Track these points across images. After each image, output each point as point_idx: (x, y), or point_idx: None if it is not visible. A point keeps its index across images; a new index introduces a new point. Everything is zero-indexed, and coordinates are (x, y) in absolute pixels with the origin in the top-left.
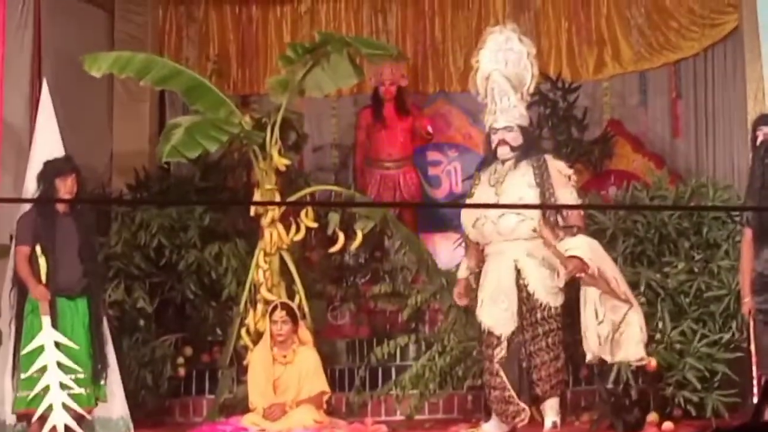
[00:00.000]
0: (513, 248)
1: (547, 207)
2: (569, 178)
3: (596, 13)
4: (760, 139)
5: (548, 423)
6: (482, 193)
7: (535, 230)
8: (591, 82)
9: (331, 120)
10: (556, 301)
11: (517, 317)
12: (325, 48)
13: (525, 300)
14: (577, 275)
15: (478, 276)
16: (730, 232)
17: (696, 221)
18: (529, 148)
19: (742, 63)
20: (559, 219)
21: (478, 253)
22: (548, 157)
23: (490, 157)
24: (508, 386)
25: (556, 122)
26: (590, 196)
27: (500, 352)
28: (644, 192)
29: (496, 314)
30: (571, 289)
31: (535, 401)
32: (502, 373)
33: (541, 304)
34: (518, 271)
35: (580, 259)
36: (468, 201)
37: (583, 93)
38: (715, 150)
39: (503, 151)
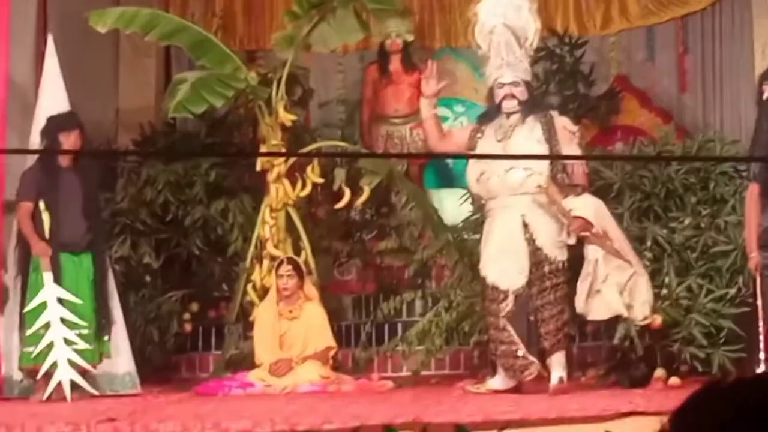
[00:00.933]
0: (520, 203)
1: (555, 158)
2: (574, 134)
3: None
4: (766, 94)
5: (555, 378)
6: (488, 147)
7: (540, 186)
8: (598, 37)
9: (338, 75)
10: (563, 255)
11: (525, 272)
12: (331, 3)
13: (532, 254)
14: (582, 234)
15: None
16: (737, 188)
17: (702, 176)
18: (535, 104)
19: (750, 18)
20: (564, 178)
21: None
22: (554, 113)
23: (493, 111)
24: (517, 340)
25: (563, 77)
26: (597, 151)
27: (507, 306)
28: (651, 147)
29: (504, 269)
30: (577, 244)
31: (542, 355)
32: (509, 328)
33: (548, 258)
34: (525, 226)
35: (585, 219)
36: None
37: (590, 48)
38: (723, 105)
39: (510, 105)
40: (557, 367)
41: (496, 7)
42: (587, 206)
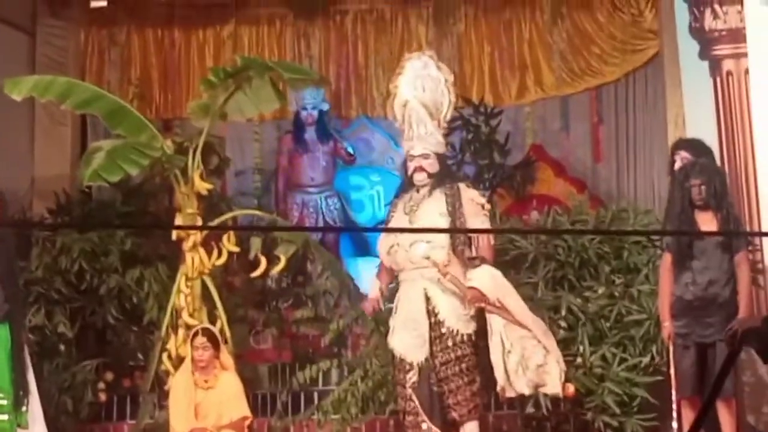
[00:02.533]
0: (423, 276)
1: (458, 231)
2: (482, 206)
3: (518, 38)
4: (678, 164)
5: None
6: (397, 221)
7: (428, 258)
8: (513, 106)
9: (254, 144)
10: (467, 327)
11: (426, 344)
12: (247, 72)
13: (435, 326)
14: (478, 305)
15: (385, 296)
16: (651, 257)
17: (616, 246)
18: (445, 176)
19: (663, 89)
20: (465, 250)
21: (390, 276)
22: (462, 186)
23: (406, 184)
24: (420, 411)
25: (479, 147)
26: (512, 220)
27: (412, 377)
28: (565, 216)
29: (408, 341)
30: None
31: (453, 426)
32: (414, 398)
33: (451, 331)
34: (428, 299)
35: (479, 290)
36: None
37: (506, 117)
38: (636, 175)
39: (420, 178)
40: None
41: (415, 80)
42: (483, 277)
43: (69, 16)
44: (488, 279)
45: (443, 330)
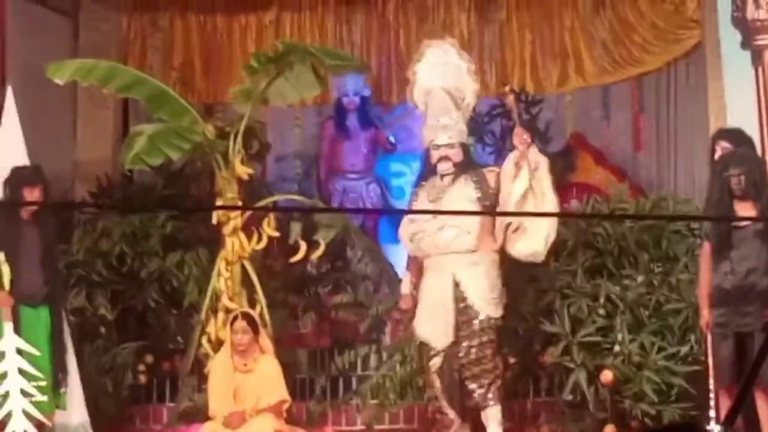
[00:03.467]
0: (452, 262)
1: (498, 214)
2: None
3: (560, 26)
4: (718, 153)
5: None
6: (423, 208)
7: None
8: (554, 95)
9: (295, 130)
10: (496, 311)
11: (453, 330)
12: (288, 58)
13: (462, 311)
14: None
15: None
16: (690, 246)
17: (656, 234)
18: (467, 164)
19: (704, 78)
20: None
21: (417, 266)
22: (485, 170)
23: (427, 173)
24: (439, 395)
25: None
26: None
27: (436, 364)
28: (605, 204)
29: (434, 327)
30: (517, 298)
31: (475, 410)
32: (437, 384)
33: (479, 315)
34: (456, 284)
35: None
36: (408, 219)
37: (546, 106)
38: (677, 164)
39: (445, 167)
40: (492, 422)
41: (435, 67)
42: None
43: (112, 1)
44: None
45: (471, 314)
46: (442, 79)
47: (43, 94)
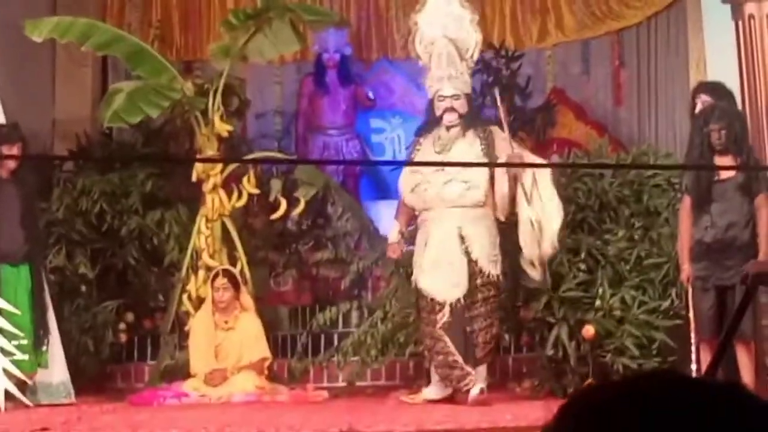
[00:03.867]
0: (457, 215)
1: (498, 165)
2: (512, 149)
3: None
4: (698, 107)
5: (476, 389)
6: (426, 159)
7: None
8: (534, 50)
9: (274, 87)
10: (496, 268)
11: (462, 284)
12: (267, 14)
13: (468, 266)
14: None
15: (406, 238)
16: (670, 200)
17: (636, 189)
18: (474, 117)
19: (685, 32)
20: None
21: (409, 217)
22: (494, 128)
23: (432, 123)
24: (454, 351)
25: (500, 90)
26: None
27: (443, 317)
28: (585, 159)
29: (439, 281)
30: (511, 257)
31: (474, 366)
32: (446, 338)
33: (482, 271)
34: (462, 238)
35: None
36: (409, 167)
37: (527, 61)
38: (657, 118)
39: (451, 118)
40: (479, 378)
41: (437, 17)
42: None
43: None
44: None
45: (474, 270)
46: (445, 28)
47: (21, 52)
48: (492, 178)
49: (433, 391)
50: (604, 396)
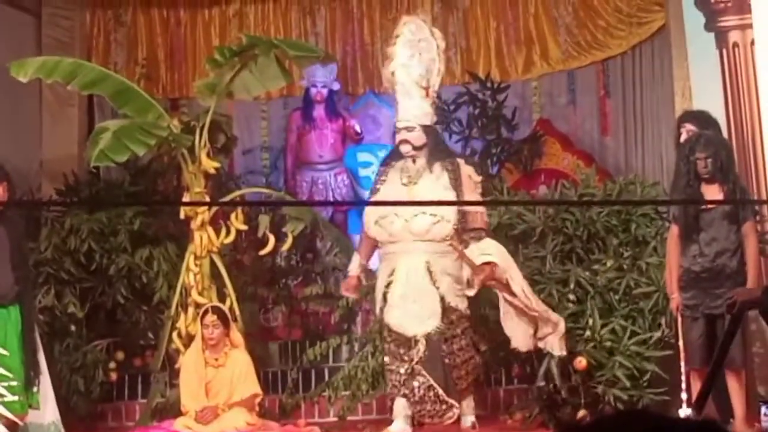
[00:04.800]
0: (425, 249)
1: (468, 204)
2: (477, 184)
3: (524, 12)
4: (684, 136)
5: (467, 422)
6: (391, 190)
7: (448, 238)
8: (520, 81)
9: (261, 122)
10: (463, 303)
11: (436, 315)
12: (252, 51)
13: (439, 300)
14: (488, 283)
15: (366, 272)
16: (658, 229)
17: (624, 218)
18: (437, 148)
19: (669, 61)
20: (465, 226)
21: (371, 249)
22: (461, 161)
23: (397, 154)
24: (434, 384)
25: (486, 122)
26: (520, 195)
27: (419, 352)
28: (573, 189)
29: (410, 315)
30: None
31: (459, 398)
32: (425, 373)
33: (451, 306)
34: (430, 273)
35: (492, 265)
36: (373, 197)
37: (512, 92)
38: (644, 147)
39: (405, 149)
40: (467, 410)
41: (404, 48)
42: (491, 249)
43: None
44: (497, 250)
45: (445, 305)
46: (410, 57)
47: (6, 93)
48: (461, 211)
49: (398, 427)
50: None
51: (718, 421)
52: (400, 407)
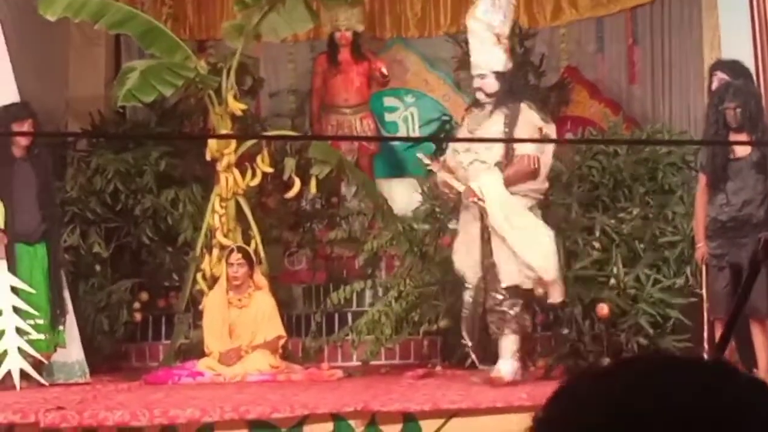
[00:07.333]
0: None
1: (506, 141)
2: (540, 130)
3: None
4: (714, 85)
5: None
6: (461, 135)
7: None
8: (548, 28)
9: (288, 65)
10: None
11: (480, 265)
12: None
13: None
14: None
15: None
16: (685, 179)
17: (651, 167)
18: (507, 95)
19: (699, 10)
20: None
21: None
22: (523, 106)
23: (476, 102)
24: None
25: (513, 68)
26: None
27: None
28: (600, 137)
29: (467, 262)
30: None
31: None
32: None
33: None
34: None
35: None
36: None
37: (540, 39)
38: (671, 97)
39: (479, 97)
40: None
41: None
42: (488, 185)
43: None
44: (492, 188)
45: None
46: (482, 7)
47: (34, 31)
48: (510, 156)
49: (508, 367)
50: (588, 383)
51: (727, 360)
52: (509, 344)
